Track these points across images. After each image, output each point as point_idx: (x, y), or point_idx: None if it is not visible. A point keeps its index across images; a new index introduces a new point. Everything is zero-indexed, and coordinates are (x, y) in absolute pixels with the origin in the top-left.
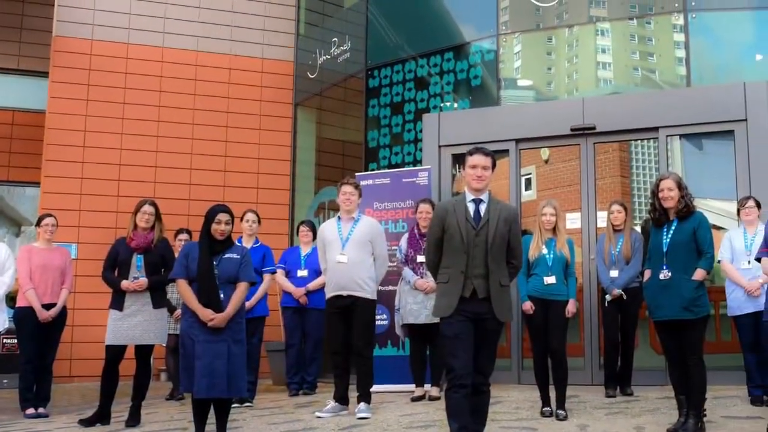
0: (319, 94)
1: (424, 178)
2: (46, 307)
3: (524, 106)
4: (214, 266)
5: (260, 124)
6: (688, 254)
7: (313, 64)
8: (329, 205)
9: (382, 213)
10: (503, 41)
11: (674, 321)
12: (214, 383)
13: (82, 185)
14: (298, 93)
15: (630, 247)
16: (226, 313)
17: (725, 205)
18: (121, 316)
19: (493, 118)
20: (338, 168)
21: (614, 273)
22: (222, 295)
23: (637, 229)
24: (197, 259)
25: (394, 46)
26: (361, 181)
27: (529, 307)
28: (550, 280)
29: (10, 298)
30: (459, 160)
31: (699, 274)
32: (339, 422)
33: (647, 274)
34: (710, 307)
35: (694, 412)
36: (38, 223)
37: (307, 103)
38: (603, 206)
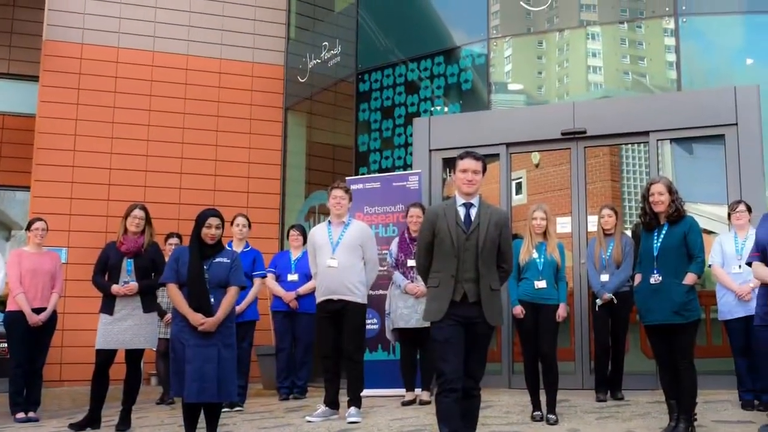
0: (310, 98)
1: (415, 183)
2: (36, 311)
3: (515, 110)
4: (204, 270)
5: (251, 128)
6: (678, 258)
7: (304, 68)
8: (319, 209)
9: (372, 217)
10: (494, 45)
11: (665, 325)
12: (204, 387)
13: (72, 189)
14: (288, 97)
15: (621, 252)
16: (216, 317)
17: (716, 210)
18: (111, 320)
19: (484, 123)
20: (329, 172)
21: (605, 277)
22: (212, 300)
23: (628, 233)
24: (187, 264)
25: (384, 50)
26: (351, 185)
27: (519, 311)
28: (541, 284)
29: (0, 302)
30: (449, 164)
31: (690, 279)
32: (329, 426)
33: (638, 279)
34: (701, 312)
35: (685, 417)
36: (28, 227)
37: (298, 107)
38: (594, 210)
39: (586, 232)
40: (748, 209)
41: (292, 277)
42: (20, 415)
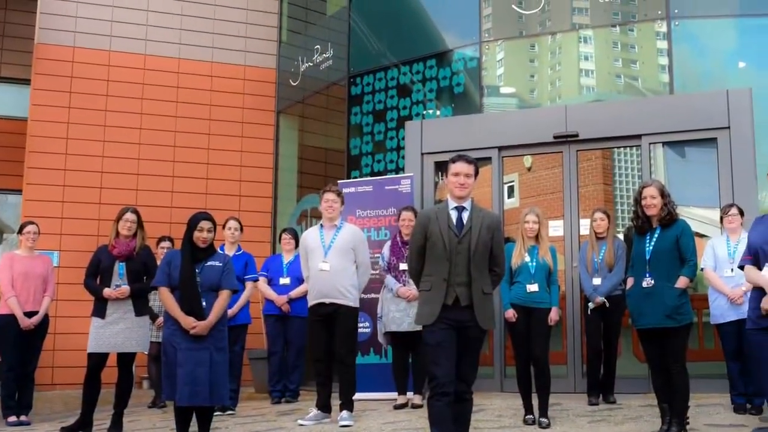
0: (302, 101)
1: (407, 186)
2: (28, 314)
3: (507, 113)
4: (196, 274)
5: (242, 131)
6: (671, 262)
7: (296, 72)
8: (311, 213)
9: (364, 221)
10: (486, 48)
11: (657, 329)
12: (196, 391)
13: (64, 193)
14: (280, 100)
15: (613, 255)
16: (208, 320)
17: (708, 213)
18: (103, 323)
19: (476, 126)
20: (320, 176)
21: (597, 281)
22: (204, 303)
23: (620, 236)
24: (179, 267)
25: (376, 53)
26: (343, 189)
27: (511, 314)
28: (533, 287)
29: None
30: (441, 167)
31: (682, 282)
32: (321, 430)
33: (630, 282)
34: (693, 315)
35: (677, 420)
36: (20, 230)
37: (290, 111)
38: (586, 214)
39: (579, 236)
40: (741, 213)
41: (284, 281)
42: (12, 419)
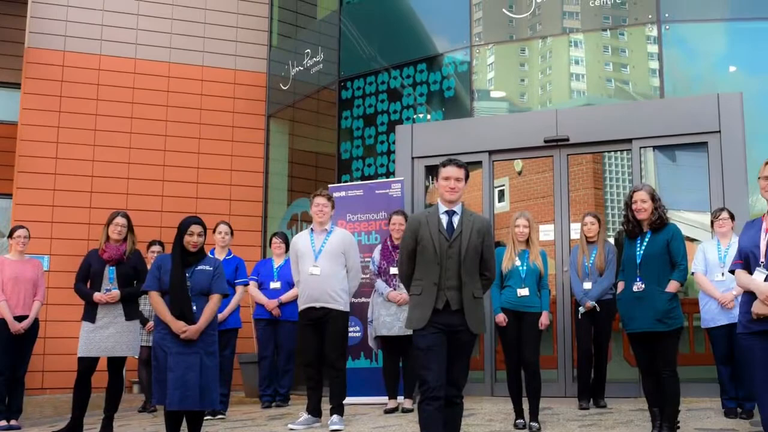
0: (292, 105)
1: (397, 190)
2: (18, 319)
3: (497, 117)
4: (186, 278)
5: (233, 135)
6: (661, 266)
7: (286, 76)
8: (302, 217)
9: (355, 225)
10: (476, 52)
11: (648, 333)
12: (186, 395)
13: (54, 197)
14: (270, 104)
15: (603, 259)
16: (198, 325)
17: (699, 217)
18: (93, 328)
19: (467, 130)
20: (311, 180)
21: (588, 285)
22: (194, 307)
23: (611, 240)
24: (170, 271)
25: (367, 57)
26: (334, 193)
27: (502, 319)
28: (524, 292)
29: None
30: (432, 171)
31: (672, 286)
32: None
33: (621, 286)
34: (684, 319)
35: (668, 425)
36: (10, 234)
37: (280, 115)
38: (576, 218)
39: (569, 240)
40: (731, 217)
41: (275, 285)
42: (2, 423)
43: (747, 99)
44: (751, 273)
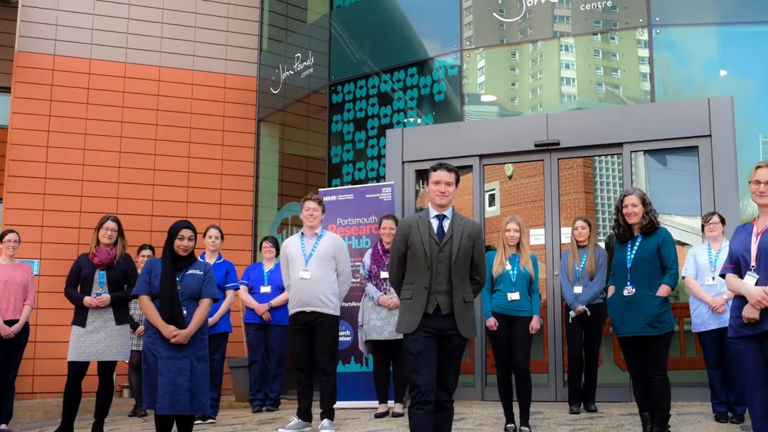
0: (283, 109)
1: (388, 194)
2: (8, 323)
3: (488, 121)
4: (176, 282)
5: (223, 139)
6: (652, 270)
7: (277, 80)
8: (292, 221)
9: (345, 229)
10: (467, 56)
11: (638, 337)
12: (176, 400)
13: (44, 201)
14: (261, 108)
15: (594, 263)
16: (188, 329)
17: (689, 221)
18: (83, 332)
19: (457, 134)
20: (301, 184)
21: (578, 289)
22: (185, 312)
23: (602, 245)
24: (160, 276)
25: (357, 61)
26: (324, 197)
27: (492, 323)
28: (514, 296)
29: None
30: (422, 175)
31: (663, 290)
32: None
33: (611, 290)
34: (674, 324)
35: (659, 429)
36: (0, 239)
37: (271, 119)
38: (567, 222)
39: (560, 244)
40: (722, 221)
41: (265, 289)
42: None
43: (738, 103)
44: (741, 277)
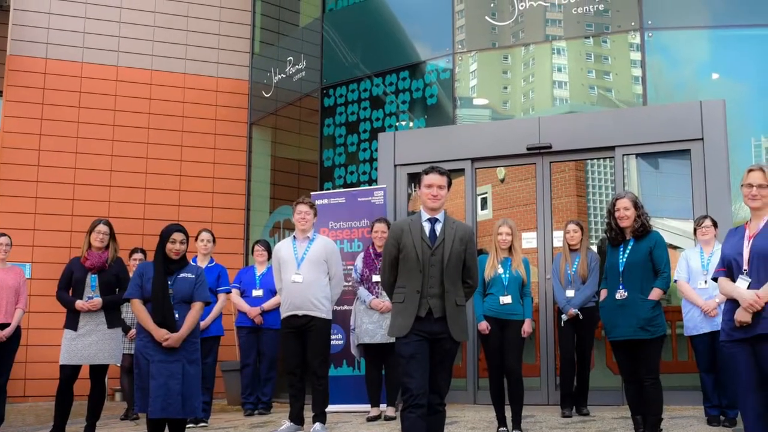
0: (275, 113)
1: (380, 198)
2: (0, 326)
3: (480, 125)
4: (168, 286)
5: (215, 143)
6: (644, 274)
7: (268, 83)
8: (284, 225)
9: (337, 232)
10: (459, 60)
11: (630, 341)
12: (168, 403)
13: (36, 204)
14: (253, 112)
15: (586, 267)
16: (180, 333)
17: (682, 225)
18: (75, 335)
19: (449, 137)
20: (293, 187)
21: (570, 293)
22: (177, 315)
23: (594, 248)
24: (152, 279)
25: (349, 65)
26: (316, 201)
27: (485, 326)
28: (506, 299)
29: None
30: (414, 179)
31: (655, 294)
32: None
33: (603, 294)
34: (667, 327)
35: None
36: None
37: (262, 122)
38: (559, 225)
39: (552, 248)
40: (714, 224)
41: (257, 293)
42: None
43: (730, 106)
44: (734, 281)
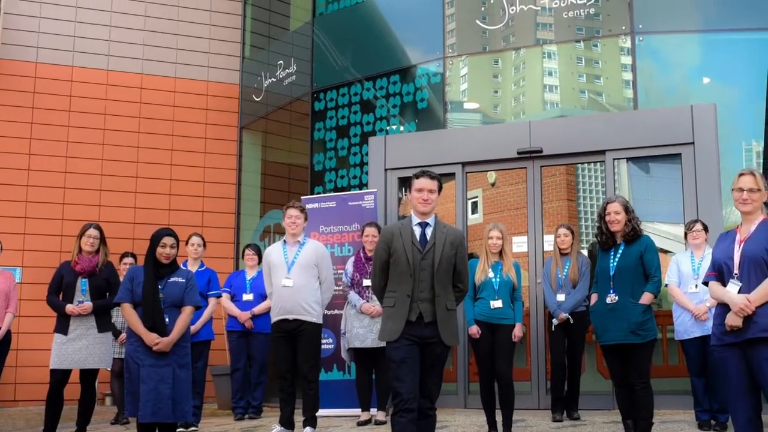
0: (265, 117)
1: (370, 202)
2: None
3: (471, 129)
4: (159, 290)
5: (206, 147)
6: (635, 278)
7: (259, 87)
8: (275, 229)
9: (328, 237)
10: (449, 64)
11: (621, 345)
12: (158, 407)
13: (26, 209)
14: (243, 116)
15: (577, 271)
16: (170, 337)
17: (672, 229)
18: (65, 340)
19: (440, 141)
20: (284, 191)
21: (561, 297)
22: (167, 319)
23: (585, 252)
24: (142, 283)
25: (340, 68)
26: (306, 205)
27: (475, 331)
28: (497, 303)
29: None
30: (405, 183)
31: (646, 298)
32: None
33: (594, 298)
34: (657, 331)
35: None
36: None
37: (253, 126)
38: (550, 230)
39: (543, 252)
40: (705, 229)
41: (247, 297)
42: None
43: (720, 110)
44: (724, 285)
